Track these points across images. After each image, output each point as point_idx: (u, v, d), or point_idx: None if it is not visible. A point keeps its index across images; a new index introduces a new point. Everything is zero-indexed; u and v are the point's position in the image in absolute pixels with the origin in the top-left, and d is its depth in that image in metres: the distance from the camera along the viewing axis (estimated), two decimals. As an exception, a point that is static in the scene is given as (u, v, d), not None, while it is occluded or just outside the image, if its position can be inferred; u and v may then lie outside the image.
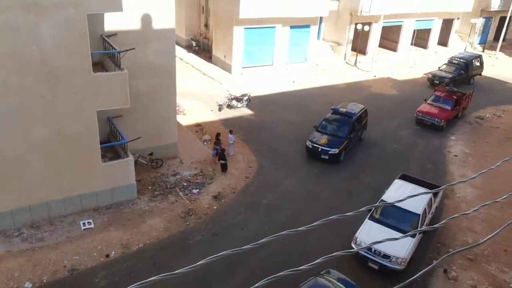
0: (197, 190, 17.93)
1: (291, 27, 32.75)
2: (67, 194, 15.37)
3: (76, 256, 13.81)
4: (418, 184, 16.57)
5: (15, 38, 12.67)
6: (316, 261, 3.13)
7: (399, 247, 13.83)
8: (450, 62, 34.97)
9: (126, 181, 16.46)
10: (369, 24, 36.70)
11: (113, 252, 14.11)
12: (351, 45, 37.96)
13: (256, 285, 2.63)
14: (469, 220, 17.07)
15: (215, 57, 33.86)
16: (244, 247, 2.83)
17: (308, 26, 33.59)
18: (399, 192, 15.86)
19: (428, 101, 26.92)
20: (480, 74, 35.89)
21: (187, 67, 33.13)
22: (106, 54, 16.43)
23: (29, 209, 14.84)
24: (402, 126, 25.97)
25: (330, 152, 20.40)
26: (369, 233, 14.39)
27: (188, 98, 26.82)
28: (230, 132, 20.71)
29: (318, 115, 26.18)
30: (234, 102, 26.02)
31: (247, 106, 26.39)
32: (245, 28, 30.85)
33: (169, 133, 19.67)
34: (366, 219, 15.10)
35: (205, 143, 21.93)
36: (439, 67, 34.94)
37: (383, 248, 13.85)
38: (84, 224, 15.23)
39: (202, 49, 36.97)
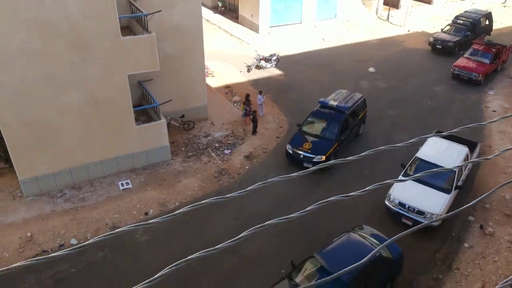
0: (229, 150, 18.16)
1: (320, -18, 31.61)
2: (104, 157, 15.89)
3: (117, 214, 14.43)
4: (453, 140, 16.18)
5: (43, 5, 12.80)
6: (308, 208, 3.12)
7: (434, 203, 13.71)
8: (454, 23, 30.52)
9: (160, 143, 16.83)
10: (402, -25, 34.94)
11: (151, 210, 14.66)
12: (382, -2, 36.42)
13: (243, 234, 2.64)
14: (508, 176, 16.64)
15: (242, 17, 33.27)
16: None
17: (337, -19, 32.33)
18: (434, 149, 15.56)
19: (465, 55, 25.77)
20: (489, 34, 31.16)
21: (214, 29, 32.78)
22: (134, 18, 16.44)
23: (69, 171, 15.47)
24: (437, 82, 25.10)
25: (314, 160, 16.37)
26: (404, 190, 14.28)
27: (216, 60, 26.69)
28: (260, 92, 20.60)
29: (347, 74, 25.72)
30: (262, 63, 25.75)
31: (276, 66, 26.07)
32: (271, -15, 30.00)
33: (199, 95, 19.79)
34: (400, 176, 14.96)
35: (235, 104, 21.97)
36: (442, 29, 30.59)
37: (418, 204, 13.77)
38: (122, 184, 15.80)
39: (228, 9, 36.35)
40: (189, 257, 2.47)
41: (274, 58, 25.95)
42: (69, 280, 12.15)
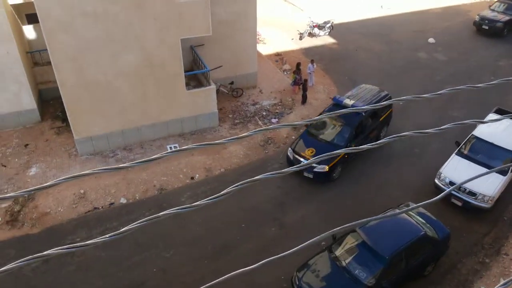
0: (276, 119, 18.05)
1: None
2: (155, 120, 16.31)
3: (164, 177, 14.90)
4: (516, 119, 15.11)
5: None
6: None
7: (488, 184, 13.02)
8: None
9: (209, 109, 17.00)
10: None
11: (197, 175, 15.01)
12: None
13: (229, 189, 2.50)
14: None
15: (297, -18, 32.19)
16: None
17: None
18: (493, 127, 14.64)
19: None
20: None
21: (268, -6, 32.01)
22: (188, -19, 16.32)
23: (122, 133, 16.05)
24: (503, 56, 23.35)
25: (315, 170, 14.21)
26: (456, 169, 13.66)
27: (268, 26, 26.20)
28: (311, 61, 20.09)
29: (405, 44, 24.47)
30: (316, 30, 25.00)
31: (330, 34, 25.24)
32: None
33: (249, 62, 19.63)
34: (453, 154, 14.28)
35: (285, 73, 21.64)
36: (489, 6, 26.59)
37: (470, 184, 13.14)
38: (170, 148, 16.23)
39: (284, -27, 35.25)
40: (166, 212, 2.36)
41: (328, 25, 25.10)
42: (117, 236, 12.80)
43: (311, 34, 25.15)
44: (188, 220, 13.21)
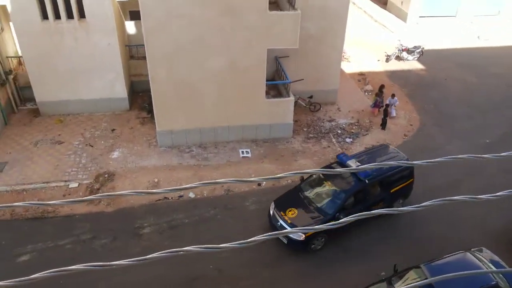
0: (351, 139, 17.78)
1: (488, -27, 28.34)
2: (232, 123, 16.83)
3: (272, 180, 15.25)
4: None
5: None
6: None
7: None
8: None
9: (284, 120, 17.19)
10: None
11: (264, 182, 15.22)
12: None
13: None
14: None
15: (391, 3, 31.61)
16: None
17: (509, -27, 28.64)
18: None
19: None
20: None
21: (359, 12, 31.76)
22: (283, -7, 16.72)
23: (199, 131, 16.75)
24: None
25: (290, 237, 12.20)
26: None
27: (355, 44, 25.94)
28: (392, 95, 19.12)
29: (502, 79, 22.97)
30: (404, 54, 24.31)
31: (418, 59, 24.40)
32: (431, -28, 27.82)
33: (331, 79, 19.56)
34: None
35: (366, 94, 21.27)
36: None
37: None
38: (242, 152, 16.63)
39: (378, -6, 34.76)
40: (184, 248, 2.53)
41: (418, 50, 24.29)
42: (181, 228, 13.35)
43: (398, 58, 24.50)
44: (251, 223, 13.40)
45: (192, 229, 13.34)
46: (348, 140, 17.72)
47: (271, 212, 13.00)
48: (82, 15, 16.69)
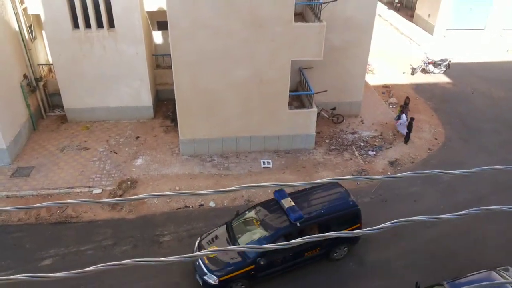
0: (374, 152, 17.56)
1: (519, -15, 27.80)
2: (254, 133, 16.87)
3: (253, 189, 15.28)
4: None
5: (231, -14, 13.92)
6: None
7: None
8: None
9: (307, 131, 17.13)
10: None
11: (284, 194, 15.13)
12: None
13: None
14: None
15: (417, 15, 31.31)
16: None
17: (541, -15, 28.01)
18: None
19: None
20: None
21: (385, 25, 31.57)
22: (308, 5, 16.77)
23: (222, 140, 16.85)
24: None
25: (204, 278, 11.14)
26: None
27: (380, 56, 25.75)
28: (402, 110, 18.63)
29: (532, 94, 22.34)
30: (430, 67, 23.97)
31: (445, 72, 24.02)
32: (459, -16, 27.48)
33: (355, 91, 19.43)
34: None
35: (390, 106, 21.02)
36: None
37: None
38: (264, 162, 16.63)
39: (404, 6, 34.55)
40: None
41: (444, 63, 23.92)
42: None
43: (424, 70, 24.17)
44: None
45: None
46: (371, 153, 17.51)
47: (194, 248, 12.00)
48: (111, 24, 17.14)
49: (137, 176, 15.70)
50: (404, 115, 18.45)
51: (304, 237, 3.10)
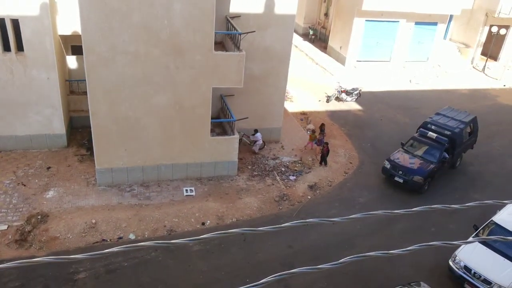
0: (294, 177, 18.09)
1: (416, 23, 30.92)
2: (176, 161, 16.58)
3: (176, 218, 14.90)
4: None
5: (150, 11, 13.85)
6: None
7: (505, 275, 12.55)
8: (422, 135, 18.59)
9: (229, 157, 17.22)
10: (507, 27, 33.10)
11: (208, 221, 14.96)
12: (481, 48, 34.68)
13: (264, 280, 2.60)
14: None
15: (330, 47, 33.40)
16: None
17: (435, 24, 31.42)
18: (514, 216, 14.32)
19: None
20: (472, 147, 20.74)
21: (301, 55, 33.19)
22: (228, 35, 17.16)
23: (142, 169, 16.32)
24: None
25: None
26: (472, 253, 13.27)
27: (298, 85, 26.94)
28: (255, 131, 19.08)
29: (432, 120, 24.64)
30: (343, 95, 25.53)
31: (356, 100, 25.70)
32: (366, 20, 29.89)
33: (275, 118, 20.04)
34: (470, 237, 13.93)
35: (308, 132, 21.91)
36: (402, 144, 18.91)
37: (485, 272, 12.70)
38: (187, 190, 16.35)
39: (318, 38, 36.66)
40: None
41: (356, 92, 25.63)
42: (120, 272, 12.67)
43: (338, 99, 25.67)
44: (194, 266, 13.04)
45: (132, 272, 12.70)
46: (291, 177, 18.02)
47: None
48: (20, 48, 16.07)
49: (48, 210, 14.57)
50: (259, 134, 18.99)
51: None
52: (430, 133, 18.46)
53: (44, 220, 14.05)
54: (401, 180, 17.52)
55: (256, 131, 18.99)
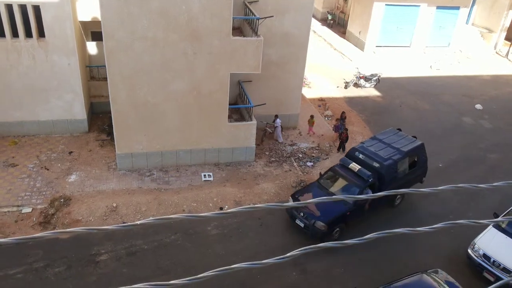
0: (311, 163, 18.10)
1: (438, 7, 30.23)
2: (194, 146, 16.75)
3: (194, 203, 15.12)
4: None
5: (169, -3, 13.87)
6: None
7: (525, 263, 12.41)
8: (342, 166, 15.02)
9: (247, 143, 17.30)
10: (533, 11, 32.09)
11: (226, 206, 15.14)
12: (505, 33, 33.74)
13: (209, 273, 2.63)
14: None
15: (349, 32, 32.95)
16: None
17: (457, 8, 30.68)
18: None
19: None
20: (421, 181, 16.43)
21: (319, 40, 32.85)
22: (246, 20, 17.09)
23: (161, 154, 16.54)
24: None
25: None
26: (491, 241, 13.14)
27: (315, 71, 26.73)
28: (276, 116, 18.91)
29: (451, 107, 24.26)
30: (362, 81, 25.26)
31: (375, 86, 25.41)
32: (386, 4, 29.35)
33: (293, 104, 19.98)
34: (490, 226, 13.78)
35: (326, 118, 21.83)
36: (320, 175, 15.55)
37: (505, 260, 12.58)
38: (205, 176, 16.53)
39: (337, 23, 36.19)
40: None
41: (374, 78, 25.32)
42: (140, 254, 12.96)
43: (356, 85, 25.41)
44: (212, 250, 13.25)
45: (152, 255, 12.99)
46: (309, 164, 18.03)
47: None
48: (41, 34, 16.32)
49: (70, 193, 14.94)
50: (278, 119, 18.91)
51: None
52: (353, 164, 14.71)
53: (67, 203, 14.43)
54: (302, 224, 13.81)
55: (276, 116, 18.91)
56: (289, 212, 14.33)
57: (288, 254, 3.04)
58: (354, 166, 14.64)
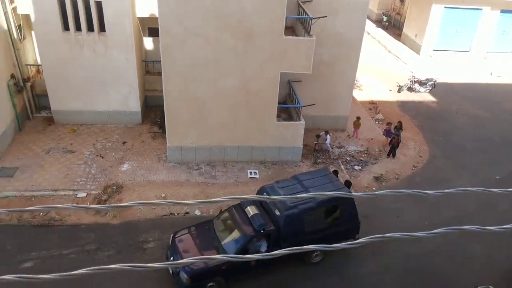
0: (359, 167, 17.76)
1: (502, 11, 28.74)
2: (241, 143, 16.93)
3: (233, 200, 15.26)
4: None
5: (222, -3, 14.11)
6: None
7: None
8: (240, 209, 12.58)
9: (294, 143, 17.27)
10: None
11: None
12: None
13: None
14: None
15: (405, 35, 32.02)
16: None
17: (524, 12, 28.97)
18: None
19: None
20: (355, 237, 13.09)
21: (373, 42, 32.18)
22: (299, 20, 17.04)
23: (209, 149, 16.87)
24: None
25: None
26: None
27: (368, 73, 26.20)
28: (326, 132, 18.27)
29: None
30: (416, 86, 24.47)
31: (430, 91, 24.54)
32: (445, 7, 28.27)
33: (342, 106, 19.69)
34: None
35: (377, 122, 21.34)
36: (220, 212, 14.47)
37: None
38: (251, 173, 16.68)
39: (393, 25, 35.30)
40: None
41: (430, 83, 24.45)
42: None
43: (410, 89, 24.66)
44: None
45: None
46: (356, 167, 17.71)
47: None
48: (102, 28, 17.12)
49: (122, 182, 15.58)
50: (328, 135, 18.10)
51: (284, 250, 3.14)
52: (249, 207, 12.11)
53: (119, 190, 15.06)
54: (170, 271, 11.48)
55: (326, 132, 18.19)
56: (167, 250, 12.34)
57: (273, 252, 3.14)
58: (250, 210, 12.04)
